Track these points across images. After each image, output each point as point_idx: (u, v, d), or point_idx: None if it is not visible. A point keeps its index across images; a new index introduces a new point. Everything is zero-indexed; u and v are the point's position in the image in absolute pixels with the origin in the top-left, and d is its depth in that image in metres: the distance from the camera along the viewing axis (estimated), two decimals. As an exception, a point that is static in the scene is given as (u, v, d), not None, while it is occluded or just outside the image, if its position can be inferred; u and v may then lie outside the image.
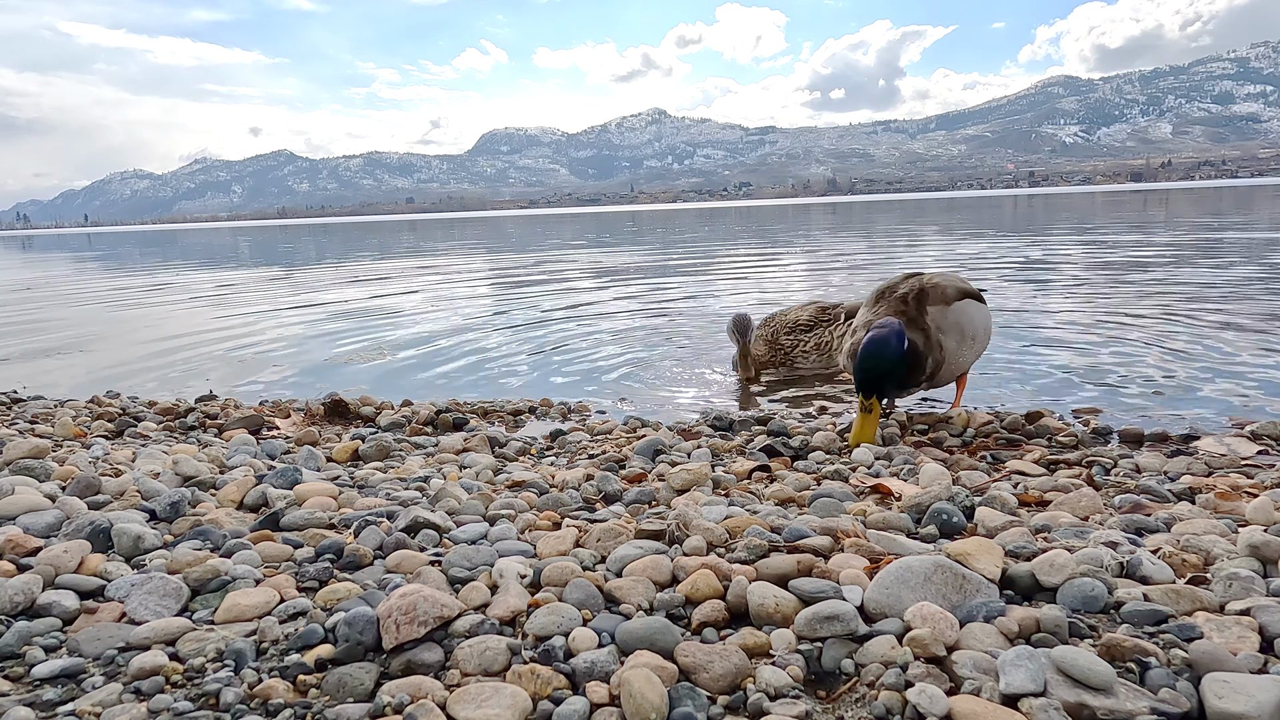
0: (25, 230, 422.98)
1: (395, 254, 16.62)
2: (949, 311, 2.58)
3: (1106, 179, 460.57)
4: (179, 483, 2.00)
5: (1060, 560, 1.27)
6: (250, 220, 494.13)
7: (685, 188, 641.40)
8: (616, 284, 8.23)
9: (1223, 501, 1.74)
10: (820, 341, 3.64)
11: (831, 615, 1.15)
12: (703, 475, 1.99)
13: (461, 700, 1.03)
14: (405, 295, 7.90)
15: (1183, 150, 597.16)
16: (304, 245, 24.24)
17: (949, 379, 2.70)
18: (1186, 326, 4.37)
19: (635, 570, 1.35)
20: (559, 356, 4.35)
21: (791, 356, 3.64)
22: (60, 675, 1.12)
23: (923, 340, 2.48)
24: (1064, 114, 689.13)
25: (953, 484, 1.95)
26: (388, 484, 2.03)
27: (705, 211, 73.70)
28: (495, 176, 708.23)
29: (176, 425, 2.91)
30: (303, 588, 1.38)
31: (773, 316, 3.82)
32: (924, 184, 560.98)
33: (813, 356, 3.65)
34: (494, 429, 2.80)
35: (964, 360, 2.65)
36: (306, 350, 4.83)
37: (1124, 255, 9.08)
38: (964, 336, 2.59)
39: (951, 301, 2.60)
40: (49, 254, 26.24)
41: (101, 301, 8.47)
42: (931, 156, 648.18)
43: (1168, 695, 0.97)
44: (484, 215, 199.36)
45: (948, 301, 2.59)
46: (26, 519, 1.61)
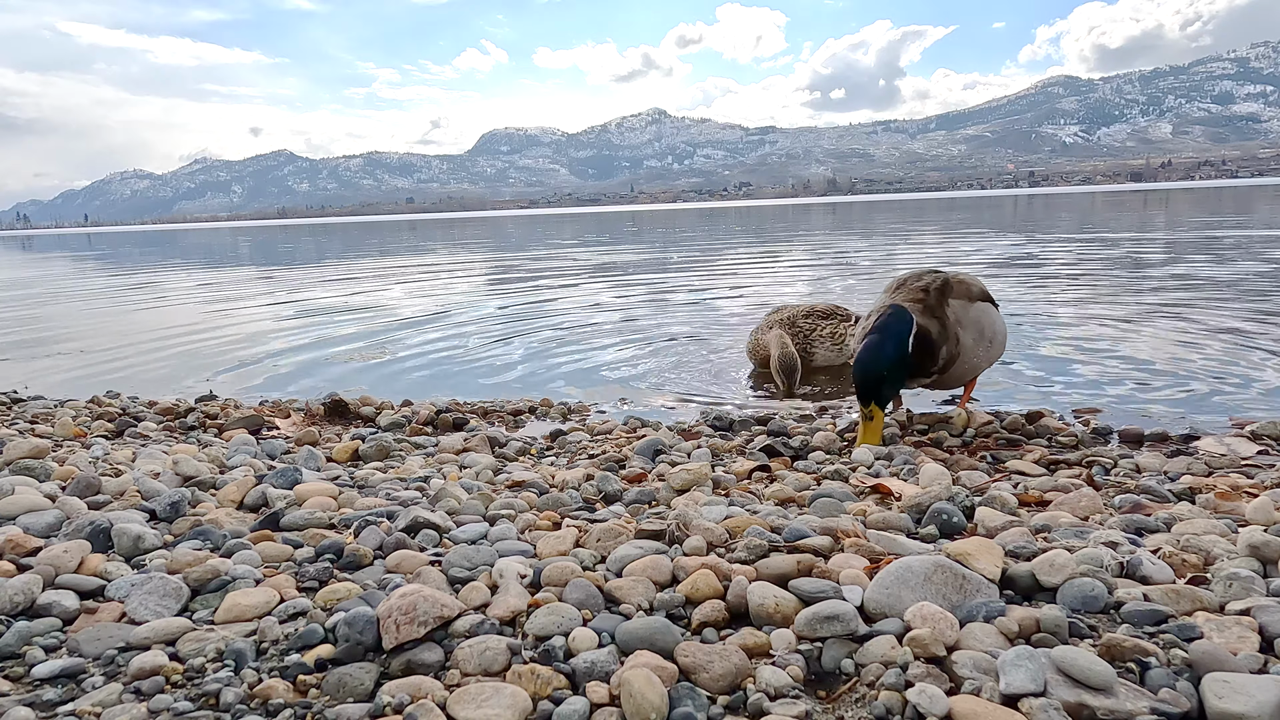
0: (25, 230, 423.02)
1: (395, 254, 16.63)
2: (971, 308, 2.55)
3: (1106, 179, 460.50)
4: (179, 483, 2.00)
5: (1060, 560, 1.27)
6: (250, 220, 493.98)
7: (685, 188, 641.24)
8: (617, 284, 8.23)
9: (1223, 501, 1.74)
10: (836, 331, 3.67)
11: (831, 615, 1.15)
12: (703, 475, 1.99)
13: (461, 700, 1.03)
14: (405, 295, 7.90)
15: (1183, 150, 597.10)
16: (304, 245, 24.24)
17: (960, 378, 2.68)
18: (1186, 326, 4.37)
19: (635, 570, 1.35)
20: (559, 356, 4.35)
21: (810, 340, 3.64)
22: (60, 675, 1.12)
23: (938, 329, 2.45)
24: (1064, 114, 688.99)
25: (953, 484, 1.95)
26: (388, 484, 2.03)
27: (705, 211, 73.71)
28: (495, 176, 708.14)
29: (176, 425, 2.91)
30: (303, 588, 1.37)
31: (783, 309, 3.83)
32: (924, 184, 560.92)
33: (828, 344, 3.66)
34: (494, 429, 2.80)
35: (978, 362, 2.61)
36: (306, 350, 4.83)
37: (1124, 255, 9.08)
38: (982, 335, 2.55)
39: (975, 299, 2.58)
40: (49, 254, 26.24)
41: (101, 301, 8.47)
42: (931, 156, 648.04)
43: (1168, 695, 0.97)
44: (484, 215, 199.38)
45: (971, 298, 2.57)
46: (26, 519, 1.61)
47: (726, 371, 3.81)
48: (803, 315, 3.71)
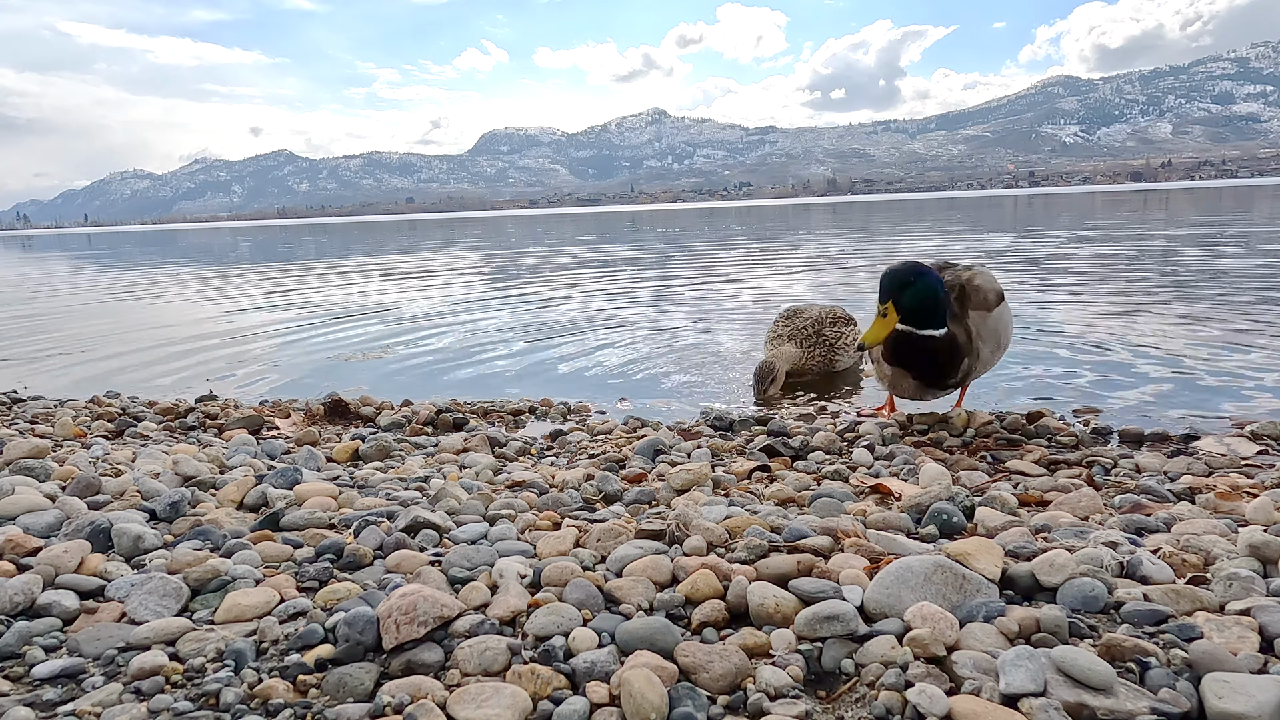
0: (25, 230, 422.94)
1: (395, 253, 16.62)
2: (989, 318, 2.45)
3: (1106, 179, 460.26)
4: (179, 483, 2.00)
5: (1060, 560, 1.27)
6: (250, 220, 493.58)
7: (685, 188, 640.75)
8: (617, 283, 8.23)
9: (1223, 501, 1.74)
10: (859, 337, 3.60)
11: (831, 615, 1.15)
12: (703, 475, 1.99)
13: (461, 700, 1.03)
14: (405, 295, 7.90)
15: (1183, 150, 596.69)
16: (304, 245, 24.24)
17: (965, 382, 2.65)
18: (1187, 325, 4.37)
19: (635, 570, 1.35)
20: (559, 356, 4.35)
21: (835, 349, 3.56)
22: (60, 675, 1.12)
23: (964, 338, 2.36)
24: (1064, 114, 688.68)
25: (953, 484, 1.95)
26: (388, 484, 2.03)
27: (705, 211, 73.72)
28: (495, 176, 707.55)
29: (176, 425, 2.91)
30: (303, 588, 1.38)
31: (793, 312, 3.68)
32: (924, 184, 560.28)
33: (853, 349, 3.59)
34: (494, 429, 2.80)
35: (986, 366, 2.57)
36: (307, 350, 4.83)
37: (1123, 254, 9.08)
38: (998, 346, 2.49)
39: (992, 308, 2.47)
40: (49, 254, 26.24)
41: (101, 302, 8.47)
42: (931, 156, 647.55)
43: (1168, 695, 0.97)
44: (484, 215, 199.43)
45: (989, 308, 2.46)
46: (26, 519, 1.61)
47: (727, 371, 3.81)
48: (829, 323, 3.58)
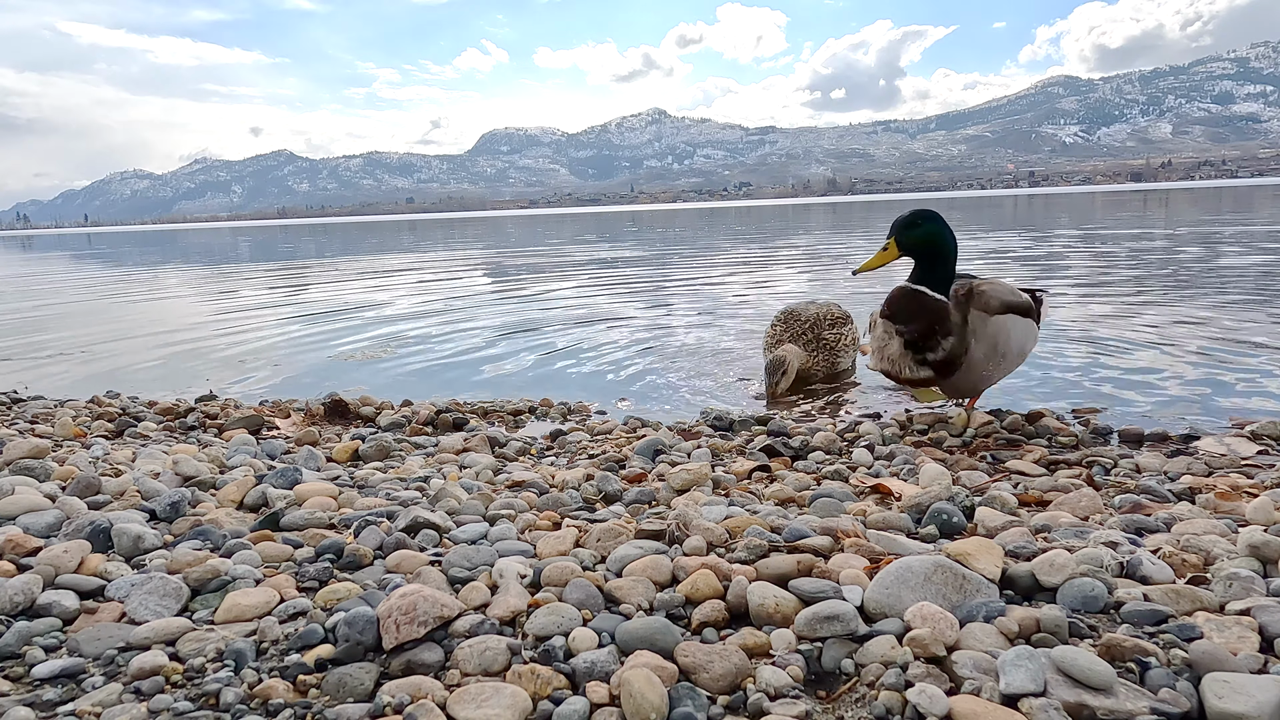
0: (25, 230, 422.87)
1: (395, 253, 16.62)
2: (989, 322, 2.50)
3: (1106, 179, 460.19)
4: (179, 483, 2.00)
5: (1060, 560, 1.27)
6: (250, 220, 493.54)
7: (685, 188, 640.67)
8: (617, 283, 8.23)
9: (1223, 501, 1.74)
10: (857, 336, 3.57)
11: (831, 615, 1.15)
12: (703, 475, 1.99)
13: (461, 700, 1.03)
14: (405, 295, 7.90)
15: (1183, 150, 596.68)
16: (304, 245, 24.24)
17: (970, 388, 2.65)
18: (1186, 325, 4.37)
19: (635, 570, 1.35)
20: (559, 356, 4.35)
21: (836, 352, 3.51)
22: (60, 675, 1.12)
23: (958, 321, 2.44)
24: (1064, 114, 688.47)
25: (953, 484, 1.95)
26: (388, 484, 2.03)
27: (705, 212, 73.69)
28: (495, 176, 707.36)
29: (176, 425, 2.91)
30: (303, 588, 1.37)
31: (791, 312, 3.63)
32: (924, 184, 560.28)
33: (853, 348, 3.57)
34: (494, 429, 2.80)
35: (988, 374, 2.58)
36: (307, 350, 4.83)
37: (1123, 254, 9.08)
38: (995, 352, 2.52)
39: (994, 313, 2.51)
40: (49, 254, 26.23)
41: (101, 301, 8.47)
42: (931, 156, 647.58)
43: (1168, 695, 0.97)
44: (484, 215, 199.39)
45: (990, 312, 2.51)
46: (26, 519, 1.61)
47: (727, 371, 3.81)
48: (827, 325, 3.53)
